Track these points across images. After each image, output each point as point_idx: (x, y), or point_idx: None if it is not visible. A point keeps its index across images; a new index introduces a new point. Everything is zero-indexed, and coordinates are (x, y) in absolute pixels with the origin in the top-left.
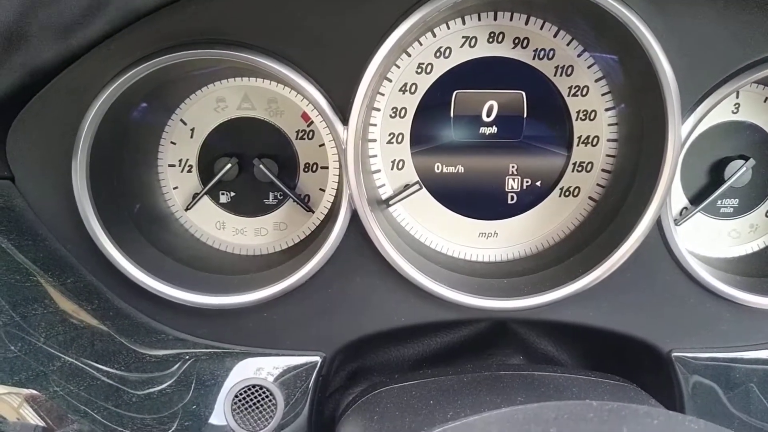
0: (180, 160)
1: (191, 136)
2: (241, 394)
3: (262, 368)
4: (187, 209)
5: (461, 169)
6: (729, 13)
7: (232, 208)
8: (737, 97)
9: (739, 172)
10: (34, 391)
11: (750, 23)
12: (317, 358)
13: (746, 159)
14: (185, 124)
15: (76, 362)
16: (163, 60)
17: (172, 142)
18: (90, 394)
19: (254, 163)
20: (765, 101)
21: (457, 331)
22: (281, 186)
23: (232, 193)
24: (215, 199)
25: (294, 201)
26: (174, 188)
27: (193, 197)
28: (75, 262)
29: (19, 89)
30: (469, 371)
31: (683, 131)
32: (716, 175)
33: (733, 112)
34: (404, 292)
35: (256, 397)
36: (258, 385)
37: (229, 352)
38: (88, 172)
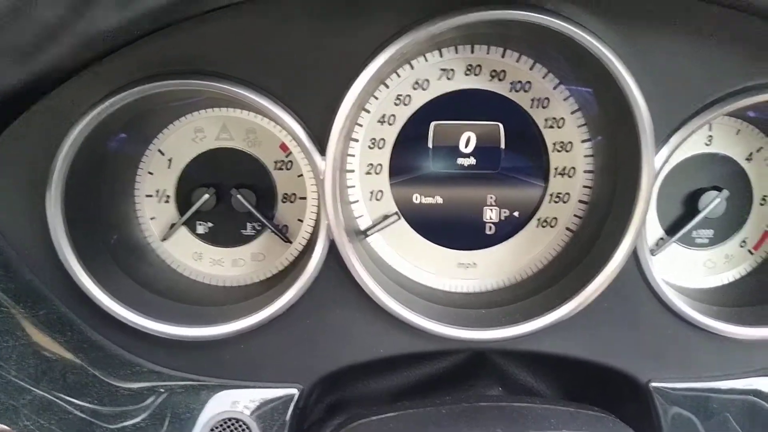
0: (157, 191)
1: (169, 167)
2: (217, 428)
3: (238, 401)
4: (163, 240)
5: (440, 199)
6: (701, 47)
7: (209, 238)
8: (710, 129)
9: (713, 203)
10: (4, 426)
11: (721, 57)
12: (295, 391)
13: (720, 190)
14: (163, 154)
15: (47, 395)
16: (141, 90)
17: (149, 173)
18: (62, 428)
19: (232, 194)
20: (737, 133)
21: (436, 362)
22: (259, 216)
23: (210, 224)
24: (192, 229)
25: (272, 231)
26: (151, 219)
27: (170, 228)
28: (48, 293)
29: None
30: (448, 402)
31: (657, 163)
32: (691, 205)
33: (707, 144)
34: (383, 323)
35: (232, 431)
36: (234, 419)
37: (205, 384)
38: (62, 202)
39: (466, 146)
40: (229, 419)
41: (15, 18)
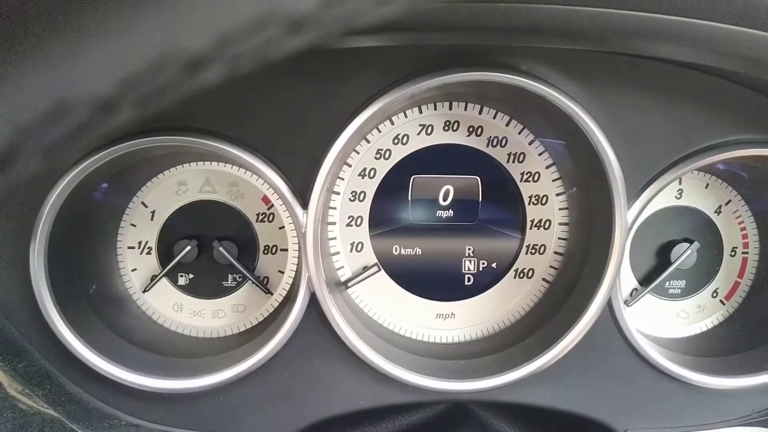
0: (139, 242)
1: (151, 219)
2: None
3: None
4: (145, 291)
5: (419, 251)
6: (670, 105)
7: (190, 290)
8: (680, 183)
9: (684, 255)
10: None
11: (691, 114)
12: None
13: (691, 242)
14: (146, 206)
15: None
16: (125, 147)
17: (132, 224)
18: None
19: (214, 246)
20: (706, 187)
21: (416, 413)
22: (240, 268)
23: (191, 275)
24: (173, 281)
25: (253, 283)
26: (132, 270)
27: (152, 279)
28: (27, 346)
29: None
30: None
31: (629, 216)
32: (663, 257)
33: (677, 198)
34: (363, 375)
35: None
36: None
37: None
38: (46, 255)
39: (445, 199)
40: None
41: (52, 123)
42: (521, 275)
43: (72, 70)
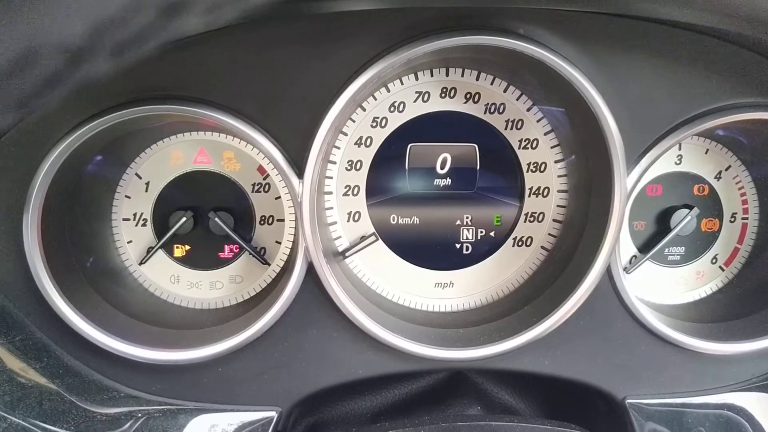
0: (134, 214)
1: (146, 190)
2: None
3: (216, 425)
4: (141, 263)
5: (416, 220)
6: (669, 70)
7: (187, 261)
8: (680, 149)
9: (684, 221)
10: None
11: (690, 78)
12: (273, 413)
13: (691, 208)
14: (140, 177)
15: (23, 423)
16: (118, 116)
17: (126, 196)
18: None
19: (210, 217)
20: (706, 153)
21: (414, 382)
22: (237, 239)
23: (187, 247)
24: (170, 252)
25: (250, 254)
26: (128, 242)
27: (148, 251)
28: (24, 319)
29: None
30: (427, 422)
31: (629, 182)
32: (663, 224)
33: (676, 164)
34: (361, 344)
35: None
36: None
37: (183, 408)
38: (39, 227)
39: (442, 167)
40: None
41: (20, 72)
42: (520, 243)
43: (42, 16)
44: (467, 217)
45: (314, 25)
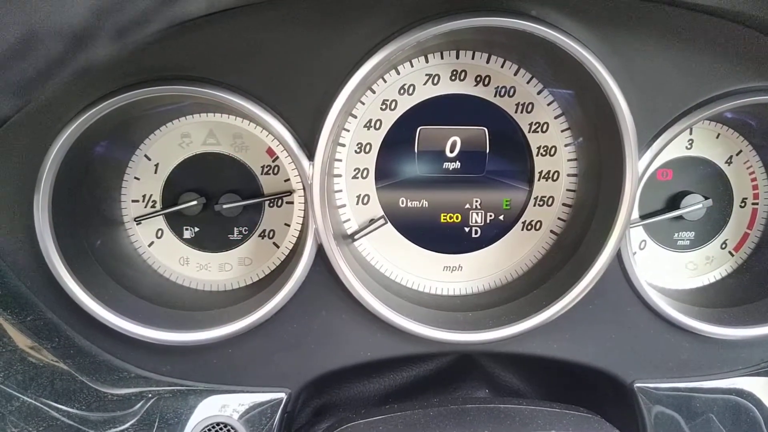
0: (144, 196)
1: (155, 172)
2: None
3: (226, 405)
4: (150, 245)
5: (425, 203)
6: (682, 52)
7: (196, 243)
8: (690, 133)
9: (693, 206)
10: None
11: (702, 62)
12: (282, 395)
13: (705, 198)
14: (149, 159)
15: (35, 402)
16: (127, 97)
17: (135, 178)
18: None
19: (221, 202)
20: (717, 137)
21: (423, 365)
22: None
23: (196, 229)
24: (179, 234)
25: (259, 236)
26: (137, 223)
27: (157, 233)
28: (35, 300)
29: None
30: (435, 405)
31: (640, 166)
32: (672, 209)
33: (687, 148)
34: (370, 327)
35: None
36: (222, 423)
37: (193, 389)
38: (50, 208)
39: (452, 150)
40: (218, 423)
41: (21, 56)
42: (529, 227)
43: (42, 0)
44: (476, 201)
45: (325, 6)
